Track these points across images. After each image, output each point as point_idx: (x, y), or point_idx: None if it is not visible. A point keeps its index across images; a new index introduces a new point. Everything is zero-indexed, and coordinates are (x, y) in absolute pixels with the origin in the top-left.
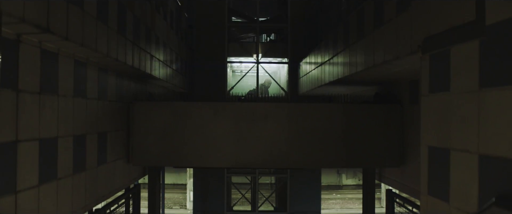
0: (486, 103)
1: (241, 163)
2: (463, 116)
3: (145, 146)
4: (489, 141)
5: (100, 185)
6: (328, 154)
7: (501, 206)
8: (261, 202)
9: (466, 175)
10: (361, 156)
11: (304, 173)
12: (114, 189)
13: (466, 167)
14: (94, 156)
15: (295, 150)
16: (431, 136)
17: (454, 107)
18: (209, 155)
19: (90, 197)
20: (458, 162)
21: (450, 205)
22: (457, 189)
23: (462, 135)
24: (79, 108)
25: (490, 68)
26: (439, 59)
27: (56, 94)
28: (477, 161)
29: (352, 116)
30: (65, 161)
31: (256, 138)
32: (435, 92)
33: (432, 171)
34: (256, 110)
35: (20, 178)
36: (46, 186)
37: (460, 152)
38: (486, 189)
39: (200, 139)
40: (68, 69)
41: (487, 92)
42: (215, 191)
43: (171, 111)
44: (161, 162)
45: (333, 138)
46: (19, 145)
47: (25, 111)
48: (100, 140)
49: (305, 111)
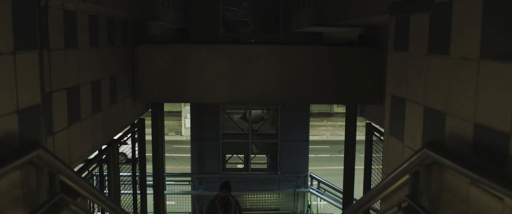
0: (431, 66)
1: (235, 99)
2: (416, 74)
3: (149, 84)
4: (430, 97)
5: (113, 122)
6: (315, 91)
7: (429, 148)
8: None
9: (415, 121)
10: (345, 93)
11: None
12: (124, 124)
13: (415, 115)
14: (107, 97)
15: (285, 87)
16: (393, 87)
17: (410, 65)
18: (207, 92)
19: (106, 133)
20: (410, 110)
21: (404, 144)
22: (408, 132)
23: (414, 89)
24: (94, 56)
25: (436, 38)
26: (402, 23)
27: (76, 48)
28: (422, 111)
29: (337, 57)
30: (86, 104)
31: (249, 77)
32: (397, 51)
33: (393, 115)
34: (249, 51)
35: (55, 122)
36: (73, 127)
37: (412, 102)
38: (427, 134)
39: (198, 77)
40: (84, 24)
41: (433, 58)
42: (210, 119)
43: (171, 52)
44: (163, 98)
45: (320, 77)
46: (53, 95)
47: (55, 66)
48: (111, 82)
49: (294, 52)
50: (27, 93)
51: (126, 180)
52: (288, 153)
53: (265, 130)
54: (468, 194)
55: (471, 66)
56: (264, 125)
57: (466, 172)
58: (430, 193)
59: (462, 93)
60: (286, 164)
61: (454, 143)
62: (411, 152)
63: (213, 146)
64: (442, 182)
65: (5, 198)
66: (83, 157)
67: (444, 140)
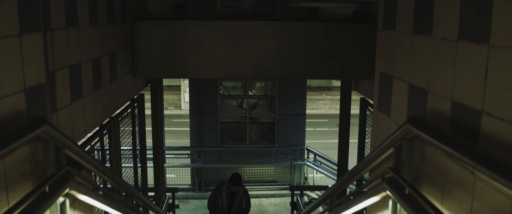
0: (415, 45)
1: (233, 74)
2: (402, 52)
3: (148, 61)
4: (414, 74)
5: (113, 97)
6: (311, 66)
7: (411, 124)
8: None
9: (401, 98)
10: (340, 69)
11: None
12: (124, 99)
13: (401, 92)
14: (107, 74)
15: (281, 62)
16: (382, 64)
17: (396, 44)
18: (205, 67)
19: (107, 108)
20: (397, 87)
21: (390, 119)
22: (395, 107)
23: (400, 67)
24: (94, 34)
25: (420, 19)
26: (390, 2)
27: (77, 27)
28: (407, 88)
29: (332, 33)
30: (87, 81)
31: (246, 52)
32: (386, 29)
33: (381, 91)
34: (246, 28)
35: (59, 99)
36: (75, 103)
37: (398, 79)
38: (411, 110)
39: (197, 53)
40: (84, 3)
41: (417, 37)
42: (209, 94)
43: (169, 29)
44: (162, 74)
45: (315, 52)
46: (56, 73)
47: (57, 45)
48: (111, 59)
49: (290, 28)
50: (32, 73)
51: (127, 154)
52: (285, 127)
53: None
54: (445, 167)
55: (450, 46)
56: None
57: (442, 147)
58: (412, 165)
59: (442, 72)
60: (284, 137)
61: (434, 119)
62: (397, 127)
63: (211, 120)
64: (423, 155)
65: (16, 171)
66: (86, 132)
67: (426, 116)
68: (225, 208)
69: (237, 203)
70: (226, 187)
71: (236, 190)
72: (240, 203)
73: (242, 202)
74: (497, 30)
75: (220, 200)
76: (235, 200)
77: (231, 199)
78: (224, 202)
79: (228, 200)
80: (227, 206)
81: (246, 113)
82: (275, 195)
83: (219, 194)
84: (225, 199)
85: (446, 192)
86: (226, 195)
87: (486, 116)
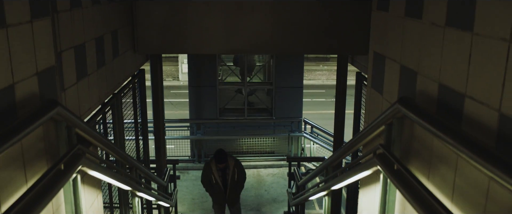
0: (406, 28)
1: (231, 49)
2: (394, 33)
3: (148, 37)
4: (405, 56)
5: (116, 74)
6: (307, 41)
7: (400, 103)
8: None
9: (393, 77)
10: (336, 44)
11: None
12: (126, 75)
13: (393, 71)
14: (110, 52)
15: (279, 38)
16: (376, 44)
17: (389, 25)
18: (204, 43)
19: (110, 85)
20: (389, 67)
21: (383, 97)
22: (387, 86)
23: (393, 48)
24: (97, 14)
25: (411, 3)
26: None
27: (80, 8)
28: (399, 68)
29: (329, 8)
30: (91, 60)
31: (244, 28)
32: (380, 10)
33: (374, 70)
34: (244, 4)
35: (66, 79)
36: (81, 82)
37: (391, 60)
38: (402, 89)
39: (196, 30)
40: None
41: (408, 20)
42: (208, 67)
43: (169, 6)
44: (162, 50)
45: (311, 27)
46: (62, 54)
47: (63, 27)
48: (113, 37)
49: (286, 4)
50: (43, 57)
51: (128, 127)
52: (282, 99)
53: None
54: (432, 145)
55: (438, 31)
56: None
57: (428, 127)
58: (402, 142)
59: (431, 55)
60: (281, 110)
61: (423, 99)
62: (389, 105)
63: (210, 93)
64: (412, 133)
65: (31, 151)
66: (91, 109)
67: (416, 96)
68: (221, 185)
69: (231, 177)
70: (214, 164)
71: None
72: (233, 175)
73: (235, 173)
74: (480, 19)
75: (213, 178)
76: (227, 174)
77: (223, 174)
78: (218, 179)
79: (220, 176)
80: (222, 182)
81: (243, 86)
82: (273, 166)
83: (210, 172)
84: (217, 176)
85: (433, 168)
86: (217, 171)
87: (469, 99)
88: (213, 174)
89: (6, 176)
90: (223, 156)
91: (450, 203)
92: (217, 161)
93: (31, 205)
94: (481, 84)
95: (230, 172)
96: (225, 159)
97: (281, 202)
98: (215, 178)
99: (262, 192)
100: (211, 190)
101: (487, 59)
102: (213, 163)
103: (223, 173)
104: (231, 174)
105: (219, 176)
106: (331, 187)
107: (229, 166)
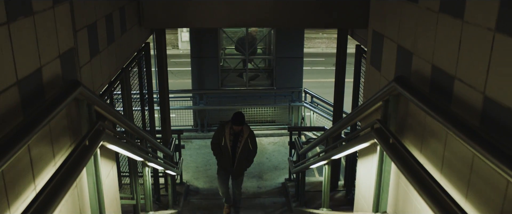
0: (404, 10)
1: (234, 23)
2: (392, 14)
3: (153, 12)
4: (402, 36)
5: (124, 50)
6: (307, 16)
7: (396, 82)
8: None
9: (390, 56)
10: (336, 18)
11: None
12: (133, 50)
13: (391, 50)
14: (118, 28)
15: (279, 12)
16: (375, 23)
17: (388, 6)
18: (207, 17)
19: (119, 60)
20: (387, 45)
21: (381, 74)
22: (385, 64)
23: (391, 28)
24: None
25: None
26: None
27: None
28: (396, 48)
29: None
30: (102, 37)
31: (246, 2)
32: None
33: (373, 48)
34: None
35: (81, 57)
36: (94, 59)
37: (389, 39)
38: (398, 68)
39: (199, 4)
40: None
41: (405, 3)
42: (209, 38)
43: None
44: (167, 24)
45: (312, 2)
46: (77, 34)
47: (77, 8)
48: (121, 14)
49: None
50: (64, 40)
51: (134, 98)
52: (283, 69)
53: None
54: (425, 121)
55: (433, 16)
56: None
57: (420, 105)
58: (397, 117)
59: (425, 38)
60: (282, 80)
61: (417, 79)
62: (386, 82)
63: (212, 63)
64: (407, 109)
65: (57, 128)
66: (103, 84)
67: (411, 75)
68: (229, 148)
69: (242, 145)
70: (229, 127)
71: (239, 130)
72: (246, 144)
73: (248, 143)
74: (469, 9)
75: (223, 140)
76: (239, 142)
77: (235, 139)
78: (228, 142)
79: (231, 140)
80: (231, 147)
81: (245, 56)
82: (274, 135)
83: (222, 134)
84: (228, 139)
85: (425, 142)
86: (230, 135)
87: (458, 81)
88: (225, 136)
89: (38, 152)
90: (241, 118)
91: (439, 174)
92: (233, 123)
93: (64, 179)
94: (469, 68)
95: (243, 140)
96: (242, 122)
97: (282, 170)
98: (226, 140)
99: (263, 160)
100: (219, 153)
101: (475, 45)
102: (228, 125)
103: (235, 138)
104: (243, 142)
105: (230, 140)
106: (332, 157)
107: (243, 133)
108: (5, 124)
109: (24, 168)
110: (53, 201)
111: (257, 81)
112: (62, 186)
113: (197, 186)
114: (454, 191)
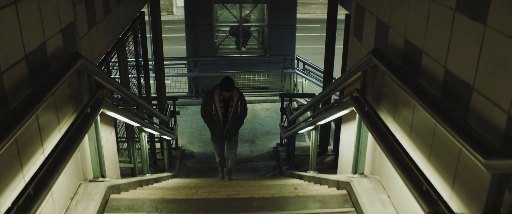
0: None
1: None
2: None
3: None
4: (381, 10)
5: (120, 20)
6: None
7: (373, 54)
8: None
9: (370, 29)
10: None
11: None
12: (128, 20)
13: (370, 23)
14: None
15: None
16: None
17: None
18: None
19: (115, 30)
20: (368, 19)
21: (362, 45)
22: (365, 36)
23: (371, 2)
24: None
25: None
26: None
27: None
28: (375, 21)
29: None
30: (99, 9)
31: None
32: None
33: (356, 21)
34: None
35: (79, 29)
36: (92, 30)
37: (369, 13)
38: (377, 40)
39: None
40: None
41: None
42: (203, 5)
43: None
44: None
45: None
46: (76, 7)
47: None
48: None
49: None
50: (65, 15)
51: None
52: (276, 37)
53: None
54: (398, 91)
55: None
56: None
57: (392, 76)
58: (374, 87)
59: (399, 13)
60: (275, 47)
61: (392, 52)
62: (366, 53)
63: (206, 31)
64: (383, 79)
65: (61, 97)
66: (101, 55)
67: (387, 47)
68: (221, 116)
69: (233, 109)
70: (218, 94)
71: (229, 95)
72: (236, 107)
73: (238, 106)
74: None
75: (214, 108)
76: (230, 106)
77: (225, 105)
78: (218, 109)
79: (222, 107)
80: (222, 114)
81: (239, 23)
82: (266, 101)
83: (212, 101)
84: (219, 106)
85: (397, 110)
86: (220, 101)
87: (425, 55)
88: (214, 103)
89: (45, 120)
90: (230, 84)
91: (408, 139)
92: (222, 89)
93: (69, 144)
94: (434, 43)
95: (233, 104)
96: (231, 87)
97: (274, 135)
98: (216, 108)
99: (256, 125)
100: (210, 122)
101: (439, 22)
102: (216, 92)
103: (225, 104)
104: (234, 106)
105: (221, 107)
106: (317, 123)
107: (233, 97)
108: (16, 95)
109: (33, 134)
110: (60, 164)
111: (251, 47)
112: (68, 150)
113: (192, 150)
114: (419, 154)
